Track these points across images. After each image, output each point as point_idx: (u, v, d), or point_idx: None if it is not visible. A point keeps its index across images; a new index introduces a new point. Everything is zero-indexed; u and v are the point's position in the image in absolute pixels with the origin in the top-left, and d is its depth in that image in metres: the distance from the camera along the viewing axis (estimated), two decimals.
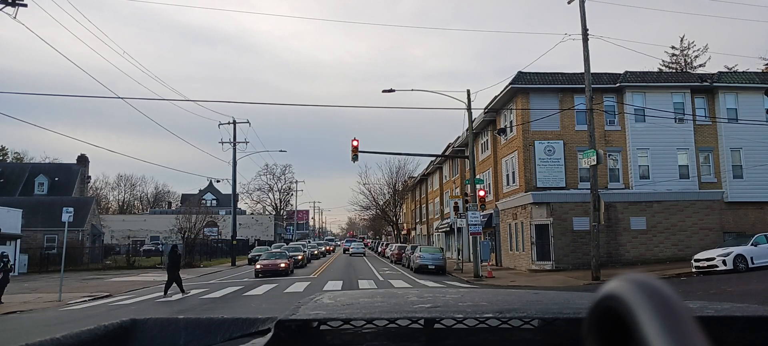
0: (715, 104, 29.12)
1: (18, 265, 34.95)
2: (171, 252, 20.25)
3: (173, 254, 19.95)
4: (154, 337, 1.20)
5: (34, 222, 40.05)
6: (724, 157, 28.77)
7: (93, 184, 73.10)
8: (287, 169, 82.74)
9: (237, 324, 1.26)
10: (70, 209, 19.51)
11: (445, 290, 1.80)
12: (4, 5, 16.54)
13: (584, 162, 22.42)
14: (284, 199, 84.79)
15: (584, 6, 21.49)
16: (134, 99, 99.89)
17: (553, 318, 1.28)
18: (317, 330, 1.29)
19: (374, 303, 1.46)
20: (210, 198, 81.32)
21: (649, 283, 0.55)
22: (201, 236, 45.39)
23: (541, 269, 26.29)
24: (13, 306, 16.45)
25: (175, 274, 19.30)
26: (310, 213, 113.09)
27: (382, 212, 72.75)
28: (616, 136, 28.73)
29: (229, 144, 42.76)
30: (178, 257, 20.29)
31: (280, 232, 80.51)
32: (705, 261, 20.85)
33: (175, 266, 19.47)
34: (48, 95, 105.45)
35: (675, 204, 27.45)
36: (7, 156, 72.51)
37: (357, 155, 26.50)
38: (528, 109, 28.24)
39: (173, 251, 20.36)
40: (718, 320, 1.20)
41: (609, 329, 0.57)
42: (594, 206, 21.15)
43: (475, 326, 1.25)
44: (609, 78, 28.82)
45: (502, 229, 32.20)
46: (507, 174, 31.25)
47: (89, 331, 1.11)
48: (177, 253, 20.41)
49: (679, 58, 51.97)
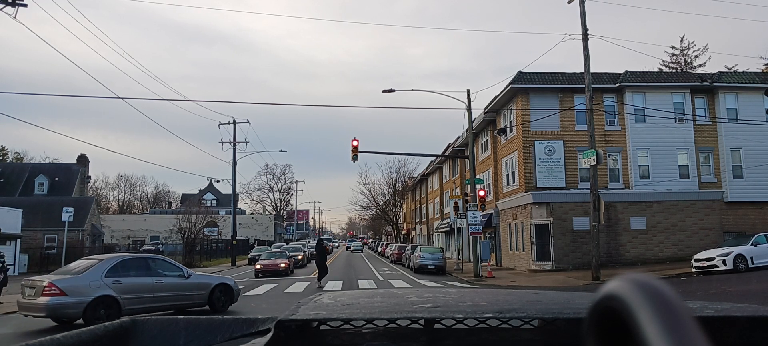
0: (715, 104, 29.12)
1: (18, 265, 34.94)
2: (318, 245, 22.78)
3: (319, 246, 22.47)
4: (154, 337, 1.20)
5: (34, 222, 40.04)
6: (724, 157, 28.77)
7: (93, 184, 73.12)
8: (287, 169, 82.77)
9: (237, 324, 1.26)
10: (70, 209, 19.53)
11: (445, 290, 1.80)
12: (4, 5, 16.54)
13: (584, 162, 22.42)
14: (284, 199, 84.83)
15: (584, 6, 21.49)
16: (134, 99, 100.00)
17: (553, 318, 1.28)
18: (317, 330, 1.29)
19: (374, 303, 1.46)
20: (210, 198, 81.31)
21: (649, 283, 0.55)
22: (201, 236, 45.35)
23: (541, 269, 26.29)
24: (13, 306, 16.43)
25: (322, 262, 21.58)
26: (310, 213, 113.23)
27: (382, 212, 72.77)
28: (616, 136, 28.73)
29: (229, 144, 42.74)
30: (324, 249, 22.67)
31: (280, 232, 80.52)
32: (705, 261, 20.85)
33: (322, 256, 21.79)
34: (47, 95, 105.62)
35: (675, 204, 27.45)
36: (7, 156, 72.51)
37: (357, 155, 26.50)
38: (528, 109, 28.24)
39: (320, 243, 22.93)
40: (718, 320, 1.20)
41: (609, 329, 0.57)
42: (594, 206, 21.15)
43: (475, 326, 1.25)
44: (609, 78, 28.82)
45: (502, 229, 32.20)
46: (507, 174, 31.26)
47: (89, 331, 1.11)
48: (323, 245, 22.79)
49: (679, 58, 51.98)
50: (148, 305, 12.63)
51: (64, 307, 11.38)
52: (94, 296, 11.64)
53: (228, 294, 14.58)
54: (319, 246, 22.48)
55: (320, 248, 22.23)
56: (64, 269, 13.19)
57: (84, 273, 11.99)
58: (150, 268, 13.39)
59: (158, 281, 13.15)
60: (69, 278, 11.83)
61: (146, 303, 12.62)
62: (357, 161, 27.31)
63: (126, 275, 12.54)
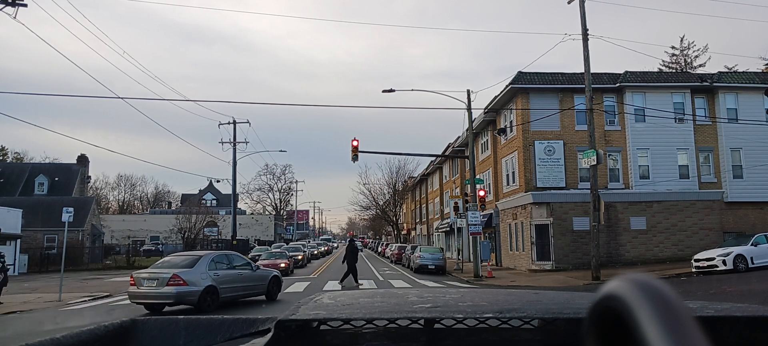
0: (715, 104, 29.11)
1: (18, 265, 34.92)
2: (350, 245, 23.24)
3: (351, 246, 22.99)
4: (154, 337, 1.20)
5: (34, 222, 40.03)
6: (724, 157, 28.77)
7: (93, 184, 73.11)
8: (287, 169, 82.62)
9: (237, 324, 1.26)
10: (70, 209, 19.47)
11: (445, 290, 1.80)
12: (4, 5, 16.53)
13: (584, 162, 22.41)
14: (284, 199, 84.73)
15: (584, 6, 21.48)
16: (134, 99, 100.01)
17: (553, 318, 1.28)
18: (317, 330, 1.29)
19: (374, 303, 1.46)
20: (210, 198, 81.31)
21: (649, 283, 0.55)
22: (201, 236, 45.36)
23: (541, 269, 26.29)
24: (13, 306, 16.44)
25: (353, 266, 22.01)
26: (310, 213, 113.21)
27: (382, 212, 72.73)
28: (616, 136, 28.72)
29: (229, 144, 42.64)
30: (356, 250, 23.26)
31: (280, 232, 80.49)
32: (705, 261, 20.84)
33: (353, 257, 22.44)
34: (47, 95, 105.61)
35: (675, 204, 27.44)
36: (7, 156, 72.50)
37: (357, 155, 26.49)
38: (528, 109, 28.24)
39: (352, 243, 23.45)
40: (718, 320, 1.20)
41: (609, 329, 0.57)
42: (594, 206, 21.15)
43: (475, 326, 1.25)
44: (609, 78, 28.82)
45: (502, 229, 32.20)
46: (507, 174, 31.25)
47: (89, 331, 1.11)
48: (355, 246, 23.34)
49: (679, 58, 51.98)
50: (232, 293, 14.76)
51: (187, 295, 13.45)
52: (204, 286, 13.71)
53: (278, 285, 16.89)
54: (351, 246, 23.16)
55: (352, 247, 22.95)
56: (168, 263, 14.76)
57: (195, 267, 13.95)
58: (232, 262, 15.37)
59: (239, 273, 15.26)
60: (187, 271, 13.74)
61: (232, 292, 14.73)
62: (357, 161, 27.32)
63: (219, 268, 14.54)
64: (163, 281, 13.49)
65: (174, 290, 13.34)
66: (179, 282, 13.44)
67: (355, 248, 22.94)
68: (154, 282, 13.59)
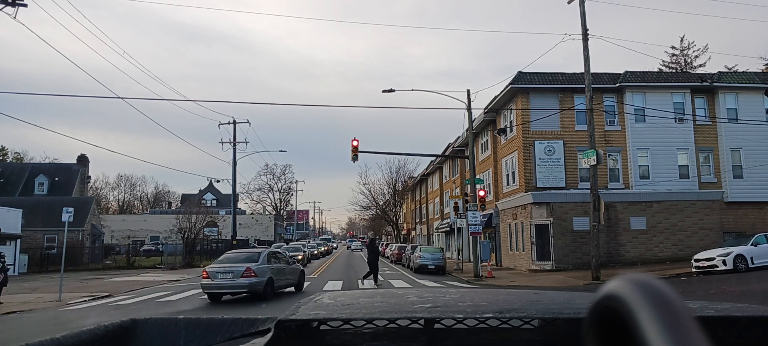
0: (715, 104, 29.11)
1: (18, 265, 34.91)
2: (371, 244, 24.43)
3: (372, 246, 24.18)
4: (154, 337, 1.20)
5: (34, 222, 40.02)
6: (724, 157, 28.77)
7: (93, 184, 73.12)
8: (287, 169, 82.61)
9: (237, 324, 1.26)
10: (70, 209, 19.47)
11: (445, 290, 1.80)
12: (4, 5, 16.53)
13: (584, 162, 22.41)
14: (284, 199, 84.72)
15: (584, 6, 21.48)
16: (134, 99, 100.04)
17: (553, 318, 1.28)
18: (317, 330, 1.29)
19: (374, 303, 1.46)
20: (210, 198, 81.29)
21: (649, 283, 0.55)
22: (201, 236, 45.31)
23: (541, 269, 26.29)
24: (13, 306, 16.44)
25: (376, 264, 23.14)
26: (310, 213, 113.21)
27: (382, 212, 72.73)
28: (616, 136, 28.72)
29: (229, 144, 42.66)
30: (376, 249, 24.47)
31: (280, 232, 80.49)
32: (705, 261, 20.84)
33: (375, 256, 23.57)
34: (47, 95, 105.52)
35: (675, 204, 27.44)
36: (7, 156, 72.48)
37: (357, 155, 26.49)
38: (528, 109, 28.24)
39: (373, 243, 24.73)
40: (718, 320, 1.20)
41: (609, 329, 0.57)
42: (594, 206, 21.15)
43: (475, 326, 1.25)
44: (609, 78, 28.82)
45: (502, 229, 32.20)
46: (507, 174, 31.25)
47: (89, 331, 1.11)
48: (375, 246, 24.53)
49: (679, 58, 51.97)
50: (280, 283, 17.20)
51: (257, 285, 15.68)
52: (267, 277, 16.05)
53: (303, 277, 20.17)
54: (372, 245, 24.19)
55: (373, 246, 23.99)
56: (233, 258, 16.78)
57: (259, 260, 16.24)
58: (277, 257, 17.98)
59: (284, 267, 17.94)
60: (255, 265, 15.92)
61: (280, 283, 17.19)
62: (357, 161, 27.30)
63: (272, 262, 16.92)
64: (237, 273, 15.57)
65: (247, 281, 15.48)
66: (251, 274, 15.59)
67: (375, 248, 24.01)
68: (230, 275, 15.65)
